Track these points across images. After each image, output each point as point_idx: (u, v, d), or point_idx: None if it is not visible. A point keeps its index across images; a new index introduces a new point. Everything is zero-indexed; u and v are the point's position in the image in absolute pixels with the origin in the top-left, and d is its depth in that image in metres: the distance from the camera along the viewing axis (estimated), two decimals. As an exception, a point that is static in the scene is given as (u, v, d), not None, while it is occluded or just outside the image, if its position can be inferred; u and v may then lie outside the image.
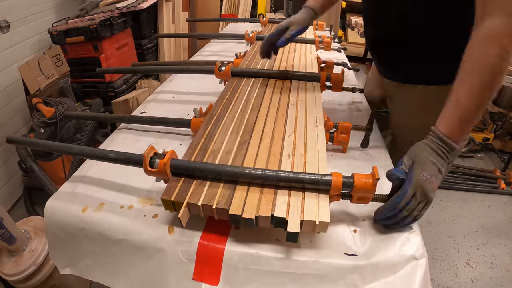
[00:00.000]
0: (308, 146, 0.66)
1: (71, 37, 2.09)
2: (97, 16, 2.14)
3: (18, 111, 2.01)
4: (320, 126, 0.74)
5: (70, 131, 1.78)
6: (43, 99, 1.76)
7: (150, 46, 2.69)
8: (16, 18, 1.95)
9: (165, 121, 0.88)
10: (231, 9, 3.41)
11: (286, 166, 0.60)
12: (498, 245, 1.82)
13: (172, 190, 0.55)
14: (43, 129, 1.68)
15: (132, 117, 0.94)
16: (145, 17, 2.56)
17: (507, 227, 1.94)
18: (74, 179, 0.73)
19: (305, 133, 0.70)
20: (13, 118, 1.97)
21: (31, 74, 1.85)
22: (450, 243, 1.81)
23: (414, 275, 0.53)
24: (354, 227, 0.59)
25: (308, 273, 0.53)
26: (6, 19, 1.88)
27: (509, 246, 1.81)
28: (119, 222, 0.61)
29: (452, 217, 2.00)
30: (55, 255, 0.69)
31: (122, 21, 2.27)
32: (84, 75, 2.24)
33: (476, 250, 1.78)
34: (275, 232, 0.57)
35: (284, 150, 0.65)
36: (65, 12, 2.40)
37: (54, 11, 2.32)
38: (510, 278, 1.62)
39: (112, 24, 2.15)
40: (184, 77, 1.31)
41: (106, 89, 2.27)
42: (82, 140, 1.73)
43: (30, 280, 1.22)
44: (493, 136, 2.55)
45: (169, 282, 0.57)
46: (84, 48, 2.13)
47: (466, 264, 1.70)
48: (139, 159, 0.59)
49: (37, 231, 1.30)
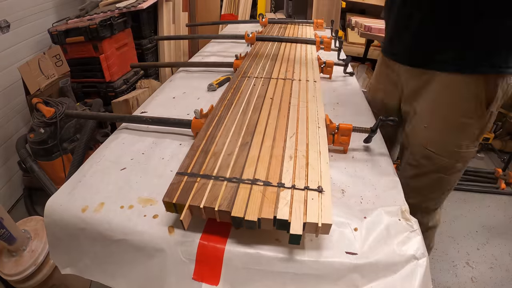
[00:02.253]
0: (310, 147, 0.66)
1: (71, 37, 2.09)
2: (97, 16, 2.14)
3: (18, 111, 2.01)
4: (322, 127, 0.74)
5: (70, 131, 1.78)
6: (43, 99, 1.76)
7: (150, 46, 2.69)
8: (16, 18, 1.95)
9: (165, 121, 0.88)
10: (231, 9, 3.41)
11: (288, 167, 0.60)
12: (498, 245, 1.82)
13: (174, 192, 0.55)
14: (43, 129, 1.68)
15: (132, 117, 0.94)
16: (145, 17, 2.56)
17: (507, 227, 1.94)
18: (74, 179, 0.73)
19: (307, 135, 0.70)
20: (13, 118, 1.97)
21: (31, 74, 1.85)
22: (450, 243, 1.81)
23: (415, 275, 0.53)
24: (355, 225, 0.59)
25: (308, 273, 0.53)
26: (6, 19, 1.88)
27: (509, 246, 1.81)
28: (119, 222, 0.61)
29: (452, 217, 2.00)
30: (55, 255, 0.69)
31: (122, 21, 2.27)
32: (84, 75, 2.24)
33: (476, 250, 1.78)
34: (275, 232, 0.57)
35: (286, 151, 0.65)
36: (65, 12, 2.40)
37: (54, 11, 2.32)
38: (510, 278, 1.62)
39: (112, 24, 2.15)
40: (184, 77, 1.31)
41: (106, 89, 2.27)
42: (82, 140, 1.73)
43: (30, 280, 1.22)
44: (493, 136, 2.55)
45: (169, 282, 0.57)
46: (84, 48, 2.13)
47: (466, 264, 1.70)
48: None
49: (37, 231, 1.30)
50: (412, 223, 0.59)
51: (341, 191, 0.67)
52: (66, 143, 1.77)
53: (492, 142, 2.56)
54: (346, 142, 0.77)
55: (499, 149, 2.57)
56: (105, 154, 0.80)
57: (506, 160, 2.39)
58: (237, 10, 3.38)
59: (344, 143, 0.78)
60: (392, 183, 0.70)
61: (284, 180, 0.57)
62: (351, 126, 0.76)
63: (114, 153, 0.81)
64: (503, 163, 2.41)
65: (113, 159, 0.78)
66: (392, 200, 0.65)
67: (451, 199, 2.13)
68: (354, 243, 0.56)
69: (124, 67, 2.38)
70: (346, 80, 1.26)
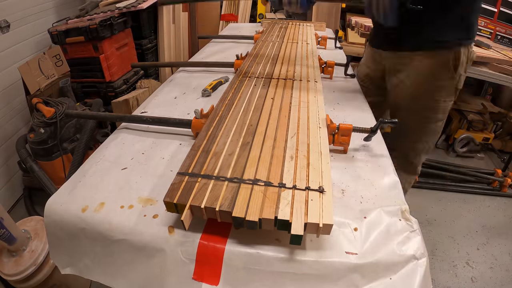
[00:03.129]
0: (311, 148, 0.66)
1: (71, 37, 2.09)
2: (97, 16, 2.14)
3: (18, 111, 2.01)
4: (323, 128, 0.74)
5: (70, 131, 1.78)
6: (43, 99, 1.76)
7: (150, 46, 2.69)
8: (16, 18, 1.95)
9: (165, 121, 0.88)
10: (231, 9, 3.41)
11: (289, 168, 0.60)
12: (498, 245, 1.82)
13: (175, 192, 0.55)
14: (43, 129, 1.68)
15: (132, 116, 0.94)
16: (145, 17, 2.56)
17: (507, 227, 1.94)
18: (74, 179, 0.73)
19: (307, 135, 0.70)
20: (13, 118, 1.97)
21: (31, 74, 1.85)
22: (450, 243, 1.82)
23: (415, 275, 0.53)
24: (355, 225, 0.59)
25: (309, 273, 0.53)
26: (6, 19, 1.88)
27: (509, 246, 1.81)
28: (119, 222, 0.61)
29: (452, 217, 2.00)
30: (55, 255, 0.69)
31: (122, 21, 2.27)
32: (84, 75, 2.24)
33: (476, 250, 1.78)
34: (275, 232, 0.57)
35: (287, 152, 0.65)
36: (65, 12, 2.40)
37: (54, 11, 2.33)
38: (510, 278, 1.62)
39: (112, 24, 2.15)
40: (184, 77, 1.31)
41: (106, 89, 2.27)
42: (82, 140, 1.73)
43: (30, 280, 1.22)
44: (493, 136, 2.55)
45: (169, 282, 0.57)
46: (84, 48, 2.13)
47: (466, 264, 1.70)
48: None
49: (37, 231, 1.30)
50: (412, 223, 0.59)
51: (341, 191, 0.67)
52: (66, 143, 1.77)
53: (492, 142, 2.56)
54: (346, 142, 0.77)
55: (499, 149, 2.57)
56: (105, 154, 0.80)
57: (506, 160, 2.39)
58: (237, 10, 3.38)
59: (344, 143, 0.78)
60: (392, 183, 0.70)
61: (285, 181, 0.57)
62: (351, 126, 0.76)
63: (114, 153, 0.81)
64: (503, 163, 2.41)
65: (113, 159, 0.78)
66: (392, 200, 0.65)
67: (451, 199, 2.14)
68: (354, 243, 0.56)
69: (124, 67, 2.38)
70: (347, 81, 1.26)
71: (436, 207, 2.07)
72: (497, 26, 2.64)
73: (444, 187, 2.22)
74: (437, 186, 2.22)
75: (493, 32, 2.65)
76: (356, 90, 1.19)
